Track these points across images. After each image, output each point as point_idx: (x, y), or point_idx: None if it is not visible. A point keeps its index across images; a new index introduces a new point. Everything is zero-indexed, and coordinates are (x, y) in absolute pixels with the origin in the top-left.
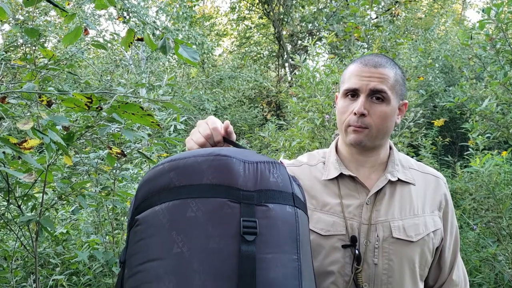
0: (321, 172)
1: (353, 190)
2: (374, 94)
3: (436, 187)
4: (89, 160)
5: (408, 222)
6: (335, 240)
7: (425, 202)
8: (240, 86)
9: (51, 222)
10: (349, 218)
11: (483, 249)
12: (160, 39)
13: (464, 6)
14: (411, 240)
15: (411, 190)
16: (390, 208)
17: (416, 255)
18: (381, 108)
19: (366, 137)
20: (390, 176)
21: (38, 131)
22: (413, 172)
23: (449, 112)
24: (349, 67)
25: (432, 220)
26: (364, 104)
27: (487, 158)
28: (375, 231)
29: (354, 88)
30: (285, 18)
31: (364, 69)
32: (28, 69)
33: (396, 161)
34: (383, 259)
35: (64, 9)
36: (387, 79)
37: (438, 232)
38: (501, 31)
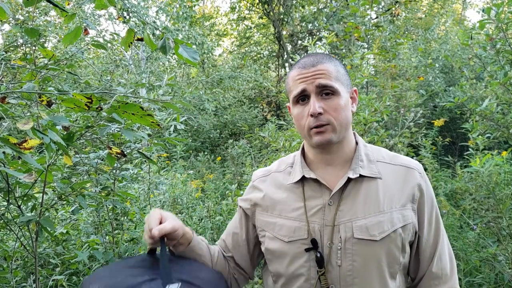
0: (288, 176)
1: (317, 192)
2: (322, 90)
3: (407, 179)
4: (89, 160)
5: (371, 220)
6: (298, 245)
7: (393, 197)
8: (240, 86)
9: (51, 222)
10: (312, 221)
11: (483, 249)
12: (160, 39)
13: (464, 6)
14: (374, 239)
15: (378, 186)
16: (353, 207)
17: (381, 253)
18: (333, 101)
19: (331, 133)
20: (351, 173)
21: (38, 131)
22: (381, 166)
23: (449, 112)
24: (289, 75)
25: (401, 215)
26: (317, 103)
27: (487, 158)
28: (338, 232)
29: (302, 90)
30: (285, 18)
31: (303, 71)
32: (28, 69)
33: (361, 156)
34: (347, 260)
35: (64, 9)
36: (328, 73)
37: (408, 226)
38: (501, 31)
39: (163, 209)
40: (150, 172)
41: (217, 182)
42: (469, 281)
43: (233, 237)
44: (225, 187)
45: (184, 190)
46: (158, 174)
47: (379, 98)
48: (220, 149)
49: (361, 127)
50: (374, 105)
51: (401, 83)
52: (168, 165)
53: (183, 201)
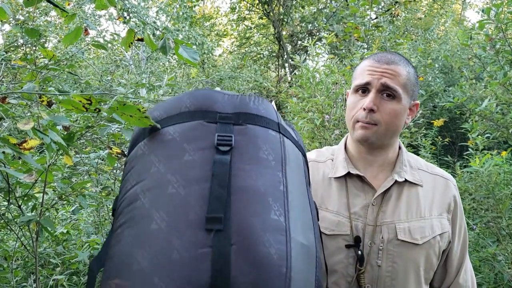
0: (329, 169)
1: (360, 190)
2: (385, 90)
3: (445, 189)
4: (89, 160)
5: (414, 224)
6: (339, 240)
7: (433, 204)
8: (240, 86)
9: (52, 222)
10: (354, 218)
11: (482, 249)
12: (160, 39)
13: (463, 6)
14: (417, 242)
15: (418, 192)
16: (396, 210)
17: (421, 258)
18: (391, 105)
19: (374, 134)
20: (397, 176)
21: (39, 131)
22: (421, 173)
23: (448, 112)
24: (361, 63)
25: (440, 223)
26: (374, 100)
27: (486, 158)
28: (380, 232)
29: (365, 82)
30: (285, 18)
31: (376, 64)
32: (28, 69)
33: (404, 161)
34: (387, 261)
35: (65, 10)
36: (399, 76)
37: (445, 235)
38: (501, 31)
39: None
40: None
41: None
42: None
43: None
44: None
45: None
46: None
47: None
48: None
49: None
50: None
51: None
52: None
53: None
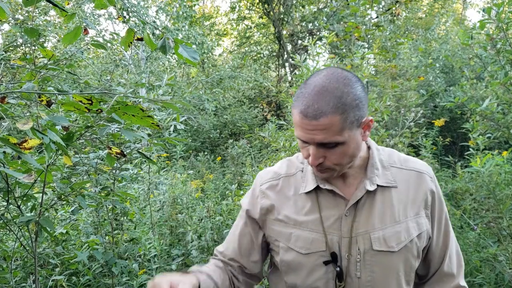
0: (300, 183)
1: (332, 202)
2: (323, 145)
3: (419, 184)
4: (88, 160)
5: (389, 231)
6: (316, 257)
7: (408, 205)
8: (240, 86)
9: (51, 222)
10: (329, 232)
11: (483, 249)
12: (160, 39)
13: (464, 6)
14: (393, 250)
15: (392, 195)
16: (370, 218)
17: (399, 263)
18: (338, 150)
19: (332, 173)
20: (368, 184)
21: (38, 131)
22: (394, 171)
23: (449, 112)
24: (293, 109)
25: (416, 223)
26: (316, 155)
27: (487, 158)
28: (356, 243)
29: (303, 140)
30: (285, 17)
31: (306, 121)
32: (27, 69)
33: (376, 164)
34: (366, 272)
35: (64, 9)
36: (331, 128)
37: (423, 234)
38: (502, 31)
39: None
40: (150, 172)
41: (217, 182)
42: (469, 281)
43: (242, 245)
44: (225, 187)
45: (184, 190)
46: (158, 174)
47: (380, 98)
48: (220, 149)
49: None
50: (375, 105)
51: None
52: (168, 165)
53: (183, 201)
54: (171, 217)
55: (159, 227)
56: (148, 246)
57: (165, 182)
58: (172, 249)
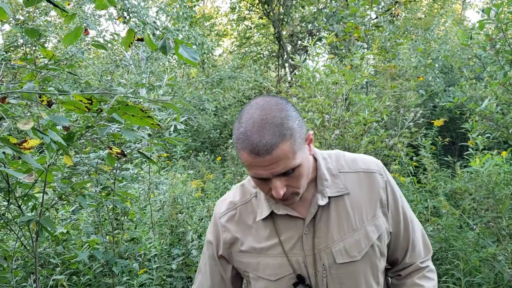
0: (256, 209)
1: (290, 224)
2: (283, 174)
3: (371, 185)
4: (89, 160)
5: (349, 241)
6: (286, 281)
7: (363, 209)
8: (240, 86)
9: (51, 222)
10: (292, 254)
11: (482, 249)
12: (160, 39)
13: (464, 6)
14: (356, 260)
15: (346, 203)
16: (329, 232)
17: (365, 269)
18: (295, 175)
19: (296, 198)
20: (320, 198)
21: (39, 131)
22: (344, 177)
23: (448, 112)
24: (240, 152)
25: (374, 226)
26: (280, 186)
27: (486, 158)
28: (320, 259)
29: (261, 178)
30: (285, 18)
31: (258, 159)
32: (28, 69)
33: (324, 175)
34: (335, 285)
35: (64, 10)
36: (286, 156)
37: (382, 234)
38: (501, 31)
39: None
40: (150, 172)
41: (217, 182)
42: (468, 281)
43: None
44: (225, 187)
45: (184, 190)
46: (158, 174)
47: (379, 98)
48: (220, 149)
49: (361, 127)
50: (374, 105)
51: (400, 83)
52: (168, 165)
53: (183, 201)
54: (171, 216)
55: (159, 227)
56: (149, 245)
57: (165, 182)
58: (172, 248)
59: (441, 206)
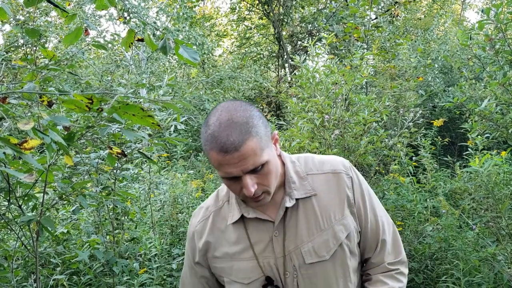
0: (227, 215)
1: (260, 227)
2: (253, 171)
3: (338, 185)
4: (89, 160)
5: (317, 241)
6: (258, 283)
7: (331, 210)
8: (240, 86)
9: (52, 222)
10: (263, 257)
11: (482, 249)
12: (160, 40)
13: (463, 6)
14: (324, 259)
15: (313, 204)
16: (298, 233)
17: (335, 269)
18: (264, 172)
19: (268, 197)
20: (288, 201)
21: (39, 131)
22: (312, 179)
23: (448, 112)
24: (209, 152)
25: (342, 225)
26: (251, 183)
27: (486, 158)
28: (290, 261)
29: (231, 177)
30: (285, 18)
31: (227, 157)
32: (28, 70)
33: (292, 178)
34: (306, 285)
35: (65, 10)
36: (254, 152)
37: (351, 233)
38: (500, 32)
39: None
40: (151, 172)
41: (217, 181)
42: (468, 280)
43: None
44: None
45: (185, 190)
46: (158, 174)
47: (379, 98)
48: None
49: (360, 127)
50: (374, 105)
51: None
52: (169, 165)
53: (183, 201)
54: (171, 216)
55: (159, 227)
56: (149, 245)
57: (165, 181)
58: (172, 248)
59: (440, 206)
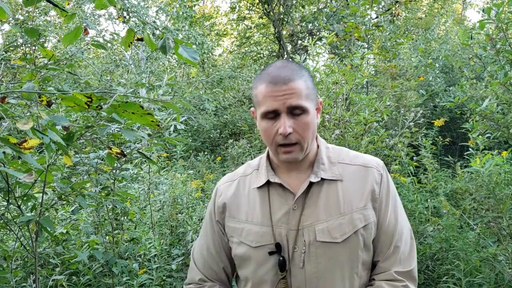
0: (254, 180)
1: (281, 196)
2: (293, 110)
3: (365, 178)
4: (89, 160)
5: (333, 223)
6: (265, 250)
7: (354, 198)
8: (240, 86)
9: (51, 222)
10: (277, 226)
11: (483, 249)
12: (160, 39)
13: (464, 6)
14: (336, 241)
15: (338, 188)
16: (316, 211)
17: (343, 255)
18: (303, 119)
19: (299, 152)
20: (313, 177)
21: (38, 131)
22: (341, 167)
23: (449, 112)
24: (258, 87)
25: (362, 215)
26: (287, 123)
27: (487, 158)
28: (302, 236)
29: (273, 110)
30: (285, 18)
31: (275, 88)
32: (28, 69)
33: (322, 159)
34: (311, 263)
35: (64, 9)
36: (299, 92)
37: (369, 225)
38: (501, 31)
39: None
40: (150, 172)
41: (217, 182)
42: (469, 281)
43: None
44: None
45: (184, 190)
46: (158, 174)
47: (379, 98)
48: (220, 149)
49: (361, 127)
50: (374, 105)
51: (401, 83)
52: (168, 165)
53: (183, 201)
54: (171, 217)
55: (159, 227)
56: (149, 246)
57: (165, 182)
58: (172, 249)
59: (441, 206)
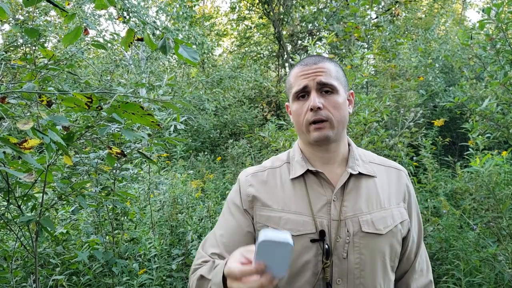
0: (287, 172)
1: (320, 187)
2: (322, 87)
3: (398, 179)
4: (89, 160)
5: (376, 215)
6: (306, 239)
7: (390, 195)
8: (240, 86)
9: (51, 222)
10: (318, 216)
11: (483, 249)
12: (160, 39)
13: (464, 6)
14: (380, 233)
15: (375, 183)
16: (357, 203)
17: (386, 247)
18: (333, 98)
19: (329, 130)
20: (351, 170)
21: (38, 131)
22: (374, 166)
23: (449, 112)
24: (291, 72)
25: (399, 211)
26: (317, 98)
27: (487, 158)
28: (344, 226)
29: (303, 87)
30: (285, 18)
31: (305, 68)
32: (28, 69)
33: (356, 156)
34: (355, 254)
35: (64, 9)
36: (329, 71)
37: (405, 223)
38: (501, 31)
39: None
40: (150, 172)
41: (217, 182)
42: (469, 281)
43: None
44: (225, 187)
45: (184, 190)
46: (158, 174)
47: (379, 98)
48: (220, 149)
49: (361, 127)
50: (374, 105)
51: (401, 83)
52: (168, 165)
53: (183, 201)
54: (171, 217)
55: (159, 227)
56: (149, 245)
57: (165, 182)
58: (172, 248)
59: (441, 206)
